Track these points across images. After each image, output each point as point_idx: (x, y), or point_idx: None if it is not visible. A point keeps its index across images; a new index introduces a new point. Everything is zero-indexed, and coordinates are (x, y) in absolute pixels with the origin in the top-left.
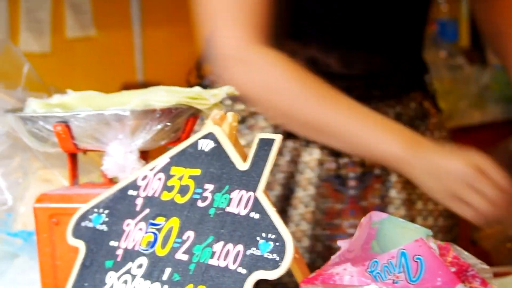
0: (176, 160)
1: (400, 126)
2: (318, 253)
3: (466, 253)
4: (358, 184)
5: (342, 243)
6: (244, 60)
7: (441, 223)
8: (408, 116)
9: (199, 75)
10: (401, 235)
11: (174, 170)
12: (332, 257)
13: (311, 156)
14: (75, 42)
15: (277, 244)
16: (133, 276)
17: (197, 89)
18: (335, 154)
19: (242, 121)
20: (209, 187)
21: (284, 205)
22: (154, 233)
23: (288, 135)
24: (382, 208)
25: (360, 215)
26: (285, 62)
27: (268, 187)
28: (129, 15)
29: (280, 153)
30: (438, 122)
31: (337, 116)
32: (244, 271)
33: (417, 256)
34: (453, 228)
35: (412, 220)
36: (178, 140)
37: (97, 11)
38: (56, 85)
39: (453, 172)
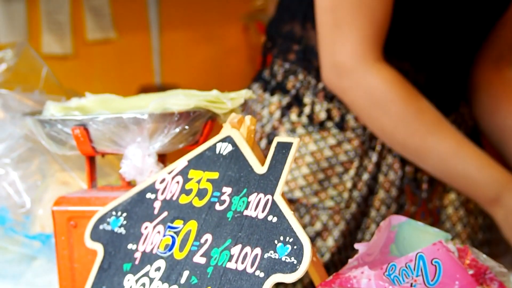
0: (194, 163)
1: (498, 167)
2: None
3: (484, 256)
4: (429, 187)
5: (359, 246)
6: (358, 72)
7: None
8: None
9: (263, 63)
10: (419, 239)
11: (192, 173)
12: (350, 260)
13: (395, 158)
14: (95, 44)
15: (295, 247)
16: (151, 279)
17: (215, 92)
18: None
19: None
20: (227, 190)
21: (364, 206)
22: (172, 236)
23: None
24: (441, 209)
25: (428, 218)
26: (396, 80)
27: (355, 187)
28: (147, 18)
29: (366, 154)
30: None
31: (438, 145)
32: (261, 275)
33: (435, 260)
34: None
35: (468, 221)
36: (196, 144)
37: (116, 14)
38: (75, 87)
39: None
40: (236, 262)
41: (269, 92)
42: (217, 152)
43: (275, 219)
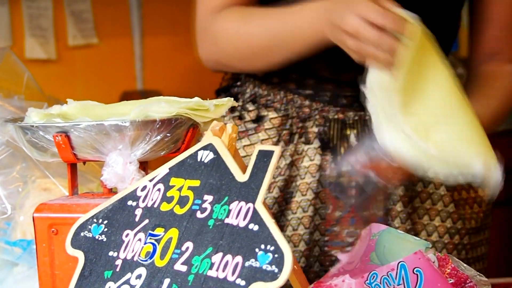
0: (176, 171)
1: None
2: (315, 258)
3: (465, 265)
4: (359, 194)
5: (342, 256)
6: (205, 30)
7: (448, 240)
8: None
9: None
10: (400, 247)
11: (173, 181)
12: (332, 269)
13: (312, 161)
14: (76, 49)
15: (276, 255)
16: (132, 287)
17: (197, 99)
18: (337, 161)
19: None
20: (208, 198)
21: (283, 209)
22: (153, 244)
23: (290, 139)
24: (386, 220)
25: (361, 225)
26: (228, 13)
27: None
28: (129, 24)
29: (281, 155)
30: None
31: (266, 23)
32: (242, 283)
33: (417, 269)
34: (465, 247)
35: (416, 234)
36: (177, 151)
37: (98, 19)
38: (57, 92)
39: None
40: (217, 270)
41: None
42: (199, 159)
43: (256, 227)
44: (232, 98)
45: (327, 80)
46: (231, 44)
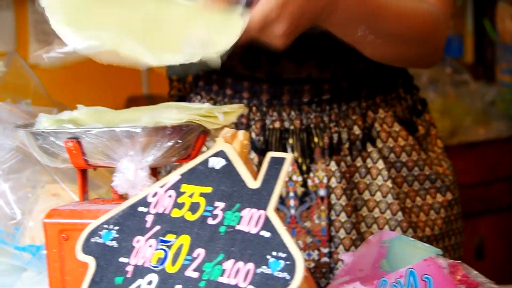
0: (187, 178)
1: None
2: None
3: (475, 271)
4: (298, 204)
5: (345, 256)
6: None
7: None
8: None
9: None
10: (410, 254)
11: (184, 187)
12: (337, 272)
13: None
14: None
15: (288, 262)
16: None
17: (207, 106)
18: None
19: None
20: (220, 205)
21: None
22: (164, 250)
23: None
24: (330, 231)
25: (303, 236)
26: None
27: None
28: None
29: None
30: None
31: None
32: None
33: (426, 276)
34: None
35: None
36: (188, 157)
37: None
38: (62, 97)
39: None
40: (228, 276)
41: None
42: (210, 166)
43: (268, 234)
44: (243, 105)
45: (243, 78)
46: None
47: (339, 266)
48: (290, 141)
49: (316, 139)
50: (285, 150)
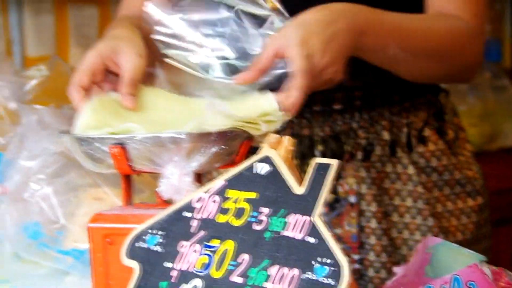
0: (232, 183)
1: None
2: None
3: None
4: (329, 211)
5: (397, 270)
6: None
7: None
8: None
9: None
10: (454, 260)
11: (229, 192)
12: (387, 283)
13: None
14: None
15: (333, 268)
16: None
17: (251, 114)
18: None
19: None
20: (265, 210)
21: None
22: (209, 255)
23: None
24: (360, 238)
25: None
26: None
27: None
28: None
29: None
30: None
31: None
32: None
33: (471, 282)
34: None
35: (397, 249)
36: (232, 163)
37: None
38: None
39: None
40: (273, 282)
41: None
42: (255, 172)
43: (313, 240)
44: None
45: None
46: None
47: (370, 273)
48: (320, 148)
49: (345, 146)
50: (314, 157)
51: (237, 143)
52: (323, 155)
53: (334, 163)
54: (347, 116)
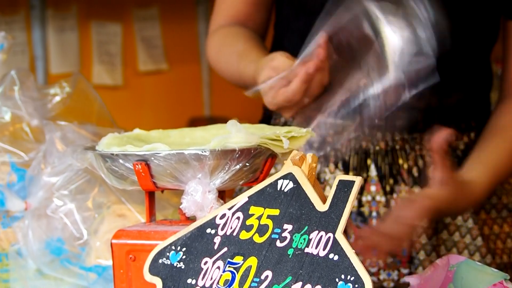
0: (255, 200)
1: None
2: None
3: None
4: (378, 221)
5: (410, 279)
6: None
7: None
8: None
9: None
10: (478, 279)
11: (253, 209)
12: None
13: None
14: (146, 75)
15: (356, 286)
16: None
17: (273, 131)
18: (359, 192)
19: None
20: (288, 227)
21: None
22: (232, 272)
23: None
24: (410, 252)
25: (384, 256)
26: (215, 36)
27: None
28: (198, 50)
29: None
30: None
31: (228, 62)
32: None
33: None
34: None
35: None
36: (256, 180)
37: (167, 45)
38: (125, 118)
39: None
40: None
41: None
42: (278, 188)
43: (336, 257)
44: (311, 129)
45: None
46: (213, 66)
47: None
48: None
49: (400, 161)
50: (368, 170)
51: (261, 161)
52: (379, 169)
53: (357, 180)
54: (405, 133)
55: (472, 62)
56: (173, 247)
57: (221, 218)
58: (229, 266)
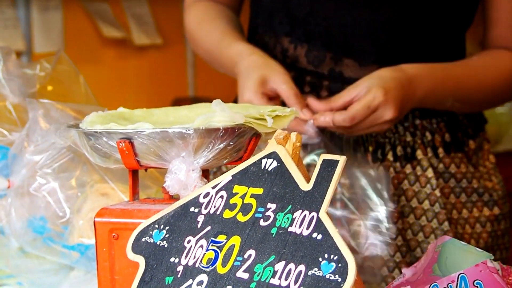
0: (239, 179)
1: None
2: None
3: None
4: (345, 207)
5: (406, 271)
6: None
7: None
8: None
9: None
10: (462, 259)
11: (236, 188)
12: (394, 282)
13: None
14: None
15: (340, 265)
16: None
17: (259, 109)
18: None
19: None
20: (272, 206)
21: None
22: (215, 251)
23: None
24: None
25: (347, 240)
26: (194, 9)
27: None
28: (182, 31)
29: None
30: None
31: (208, 41)
32: None
33: (477, 281)
34: None
35: (410, 251)
36: (240, 160)
37: (156, 24)
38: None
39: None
40: (279, 278)
41: None
42: (262, 167)
43: (319, 236)
44: (294, 109)
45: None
46: (190, 38)
47: (383, 271)
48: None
49: (365, 144)
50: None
51: (245, 140)
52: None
53: (341, 159)
54: None
55: (446, 42)
56: (156, 226)
57: (204, 197)
58: (212, 245)
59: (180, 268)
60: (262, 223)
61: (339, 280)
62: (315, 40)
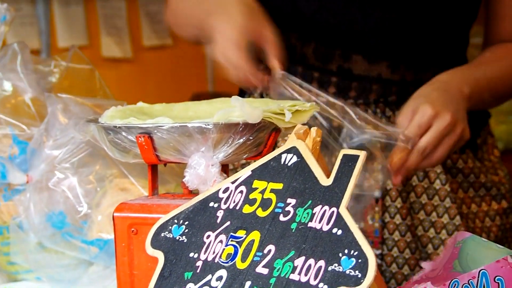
0: (259, 174)
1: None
2: None
3: None
4: (354, 204)
5: (425, 265)
6: None
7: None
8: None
9: None
10: (483, 255)
11: (256, 183)
12: (414, 277)
13: None
14: (150, 50)
15: (360, 260)
16: None
17: (277, 105)
18: None
19: None
20: (292, 201)
21: None
22: (235, 246)
23: None
24: (383, 233)
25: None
26: None
27: None
28: None
29: None
30: None
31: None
32: (325, 287)
33: (498, 277)
34: None
35: (421, 247)
36: (259, 155)
37: None
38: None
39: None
40: (299, 273)
41: None
42: (282, 162)
43: (340, 232)
44: (314, 103)
45: (314, 68)
46: (170, 17)
47: (393, 269)
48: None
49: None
50: (341, 147)
51: (265, 135)
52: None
53: (361, 154)
54: (377, 110)
55: (450, 36)
56: (176, 221)
57: (224, 191)
58: (231, 240)
59: (199, 263)
60: (282, 218)
61: (359, 275)
62: (324, 37)
